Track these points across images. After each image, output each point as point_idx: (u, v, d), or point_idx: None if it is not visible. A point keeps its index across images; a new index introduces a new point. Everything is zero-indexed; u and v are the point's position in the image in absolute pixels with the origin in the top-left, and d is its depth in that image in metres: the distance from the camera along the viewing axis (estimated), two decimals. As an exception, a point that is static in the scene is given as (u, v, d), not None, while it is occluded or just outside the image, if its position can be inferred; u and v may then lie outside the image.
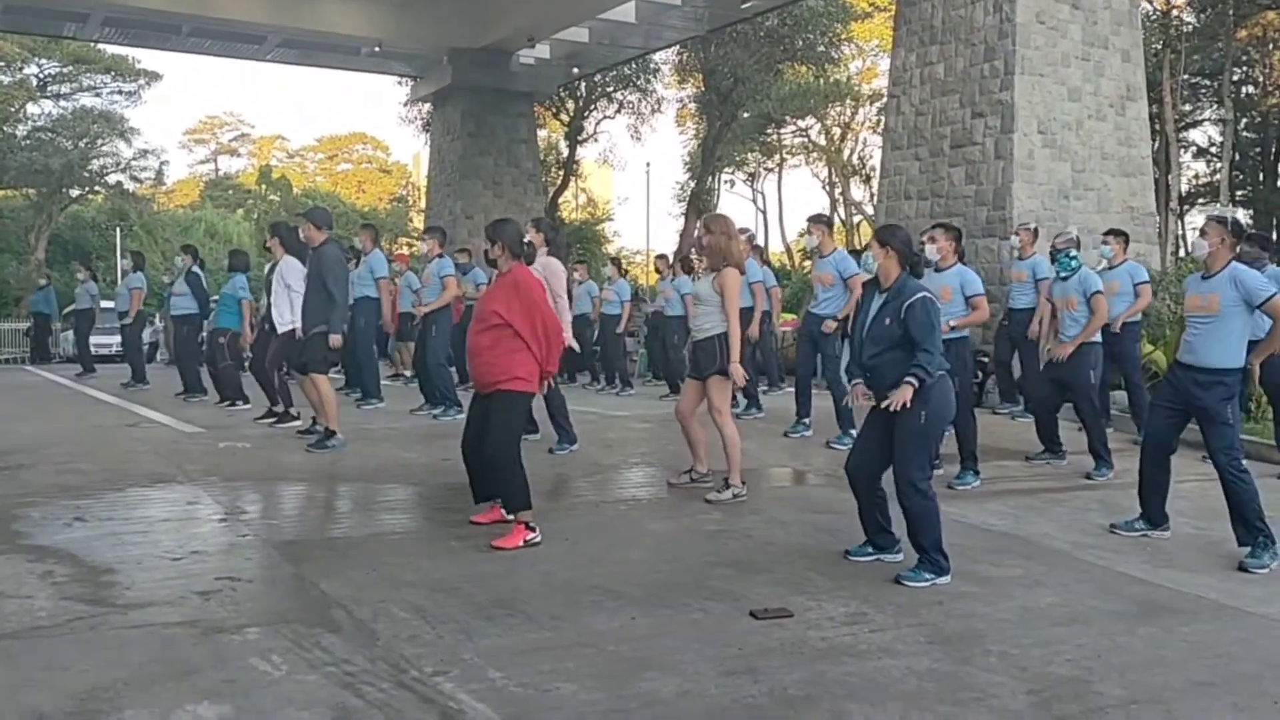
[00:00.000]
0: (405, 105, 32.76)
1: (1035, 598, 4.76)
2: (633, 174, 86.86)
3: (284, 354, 9.16)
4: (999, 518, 6.37)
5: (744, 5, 21.77)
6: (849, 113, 40.78)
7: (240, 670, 3.63)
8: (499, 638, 4.02)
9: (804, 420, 9.19)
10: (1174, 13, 30.60)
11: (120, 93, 41.34)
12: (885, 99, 16.12)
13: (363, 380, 11.16)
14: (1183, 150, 33.22)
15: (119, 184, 42.31)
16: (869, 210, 38.06)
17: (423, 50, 24.16)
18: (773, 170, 44.81)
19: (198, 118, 77.58)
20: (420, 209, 39.35)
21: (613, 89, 33.65)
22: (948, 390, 5.09)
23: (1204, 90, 33.55)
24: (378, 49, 23.14)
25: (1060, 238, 8.13)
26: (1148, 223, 13.81)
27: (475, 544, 5.38)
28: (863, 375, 5.20)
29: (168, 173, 48.80)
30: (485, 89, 23.84)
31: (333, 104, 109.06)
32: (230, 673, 3.60)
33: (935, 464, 7.45)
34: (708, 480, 6.90)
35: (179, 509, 6.19)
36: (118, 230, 38.73)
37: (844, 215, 40.84)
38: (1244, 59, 32.56)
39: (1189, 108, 33.26)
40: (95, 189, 42.76)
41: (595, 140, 36.99)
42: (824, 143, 41.75)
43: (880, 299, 5.14)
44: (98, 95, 41.05)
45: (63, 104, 40.86)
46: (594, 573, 4.94)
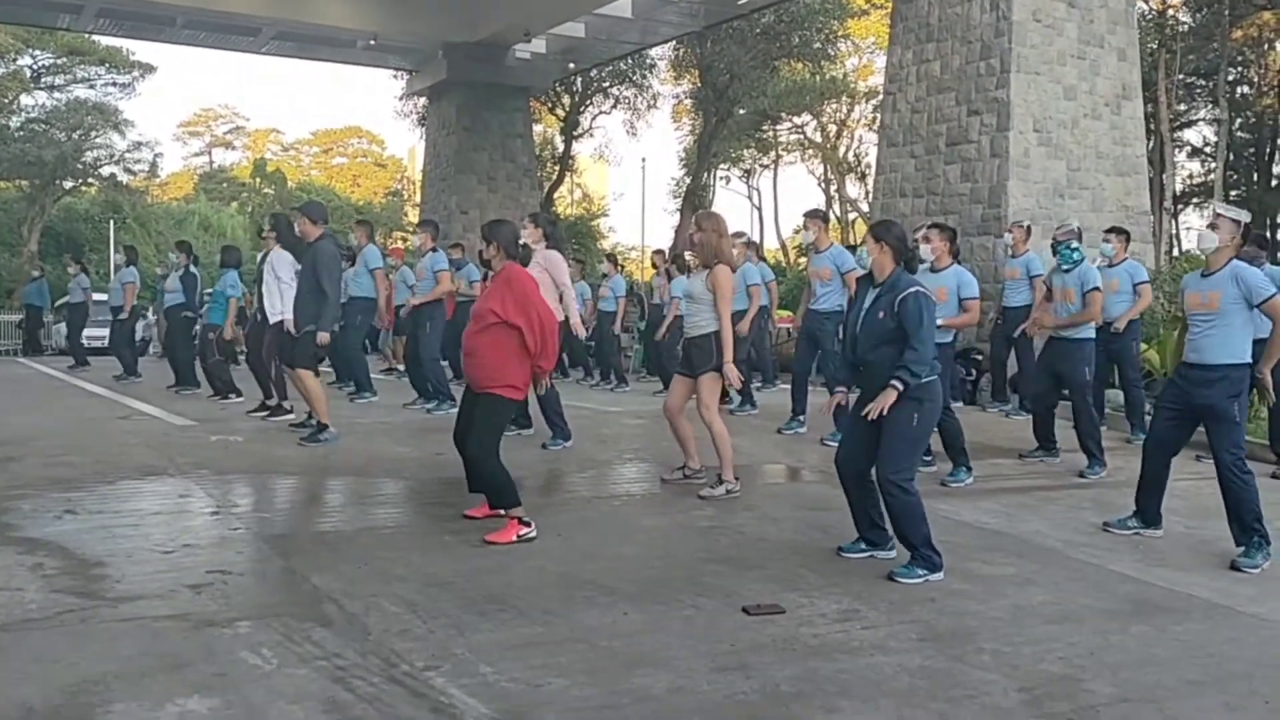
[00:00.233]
0: (400, 99, 32.74)
1: (1028, 596, 4.76)
2: (628, 170, 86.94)
3: (277, 346, 9.14)
4: (992, 515, 6.37)
5: (740, 1, 21.78)
6: (845, 110, 40.78)
7: (230, 664, 3.62)
8: (491, 633, 4.01)
9: (799, 417, 9.19)
10: (1170, 12, 30.64)
11: (114, 84, 41.22)
12: (881, 96, 16.09)
13: (354, 374, 11.14)
14: (1177, 150, 33.28)
15: (112, 176, 42.17)
16: (864, 207, 38.12)
17: (418, 44, 24.12)
18: (768, 167, 44.79)
19: (192, 110, 77.29)
20: (415, 203, 39.26)
21: (608, 84, 33.64)
22: (939, 393, 5.09)
23: (1199, 90, 33.63)
24: (373, 42, 23.09)
25: (1061, 229, 8.13)
26: (1142, 222, 13.82)
27: (468, 539, 5.37)
28: (855, 371, 5.21)
29: (162, 165, 48.70)
30: (481, 83, 23.80)
31: (328, 97, 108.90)
32: (220, 666, 3.59)
33: (928, 461, 7.50)
34: (700, 476, 6.90)
35: (170, 502, 6.18)
36: (111, 223, 38.63)
37: (839, 212, 40.83)
38: (1239, 59, 32.63)
39: (1184, 107, 33.33)
40: (89, 181, 42.62)
41: (591, 135, 37.03)
42: (820, 140, 41.74)
43: (874, 293, 5.13)
44: (92, 87, 40.93)
45: (56, 95, 40.73)
46: (586, 568, 4.93)
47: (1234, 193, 31.97)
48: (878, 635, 4.14)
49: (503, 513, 5.48)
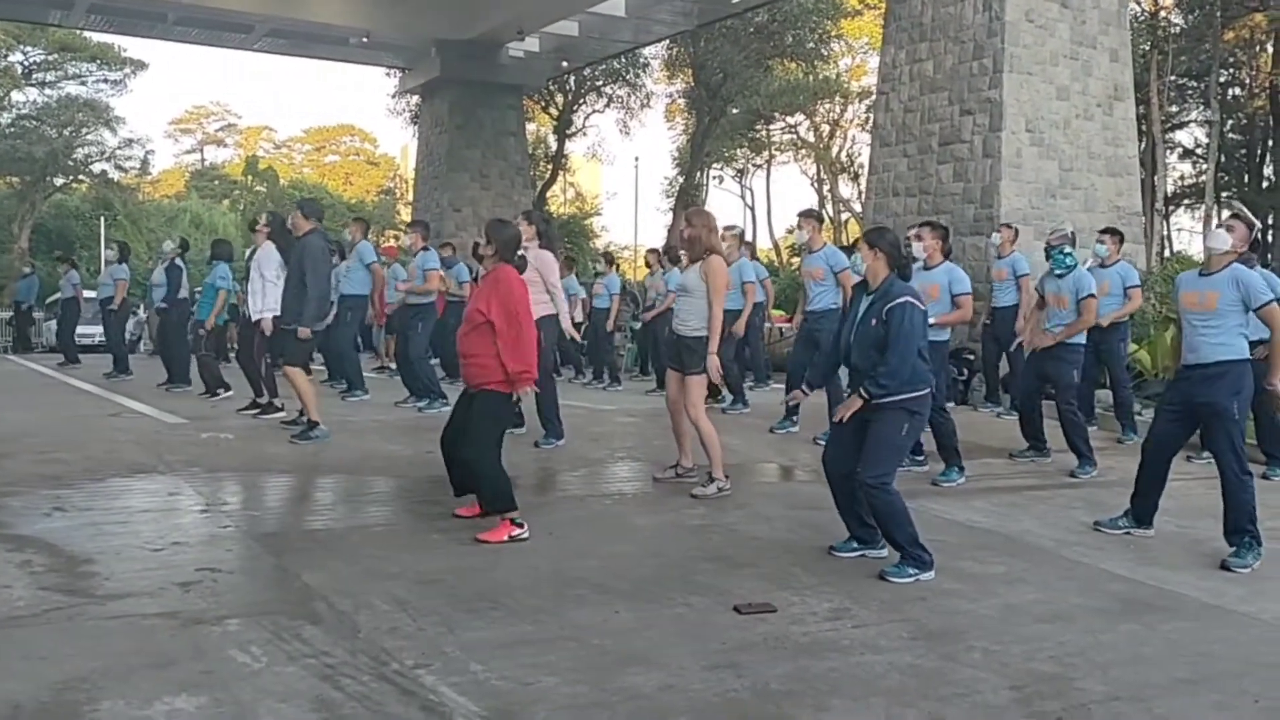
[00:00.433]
0: (393, 97, 32.74)
1: (1018, 594, 4.76)
2: (621, 169, 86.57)
3: (268, 343, 9.13)
4: (983, 515, 6.38)
5: (734, 0, 21.78)
6: (838, 110, 40.84)
7: (219, 661, 3.60)
8: (481, 631, 4.00)
9: (791, 417, 9.19)
10: (1162, 14, 30.71)
11: (106, 81, 41.11)
12: (874, 96, 16.11)
13: (345, 372, 11.11)
14: (1169, 151, 33.39)
15: (103, 173, 42.06)
16: (857, 207, 38.11)
17: (411, 42, 24.10)
18: (761, 167, 44.85)
19: (184, 107, 77.26)
20: (408, 201, 39.23)
21: (602, 83, 33.64)
22: (929, 405, 5.12)
23: (1191, 91, 33.72)
24: (366, 40, 23.06)
25: (1055, 234, 8.07)
26: (1134, 223, 13.86)
27: (458, 537, 5.36)
28: (834, 374, 5.31)
29: (153, 162, 48.59)
30: (474, 81, 23.78)
31: (320, 95, 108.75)
32: (209, 664, 3.58)
33: (920, 460, 7.51)
34: (693, 475, 6.90)
35: (160, 500, 6.15)
36: (102, 220, 38.50)
37: (832, 212, 40.88)
38: (1231, 61, 32.73)
39: (1175, 109, 33.42)
40: (80, 178, 42.52)
41: (584, 134, 37.04)
42: (813, 139, 41.79)
43: (868, 300, 5.15)
44: (83, 83, 40.82)
45: (47, 92, 40.62)
46: (578, 566, 4.92)
47: (1225, 194, 32.09)
48: (869, 634, 4.14)
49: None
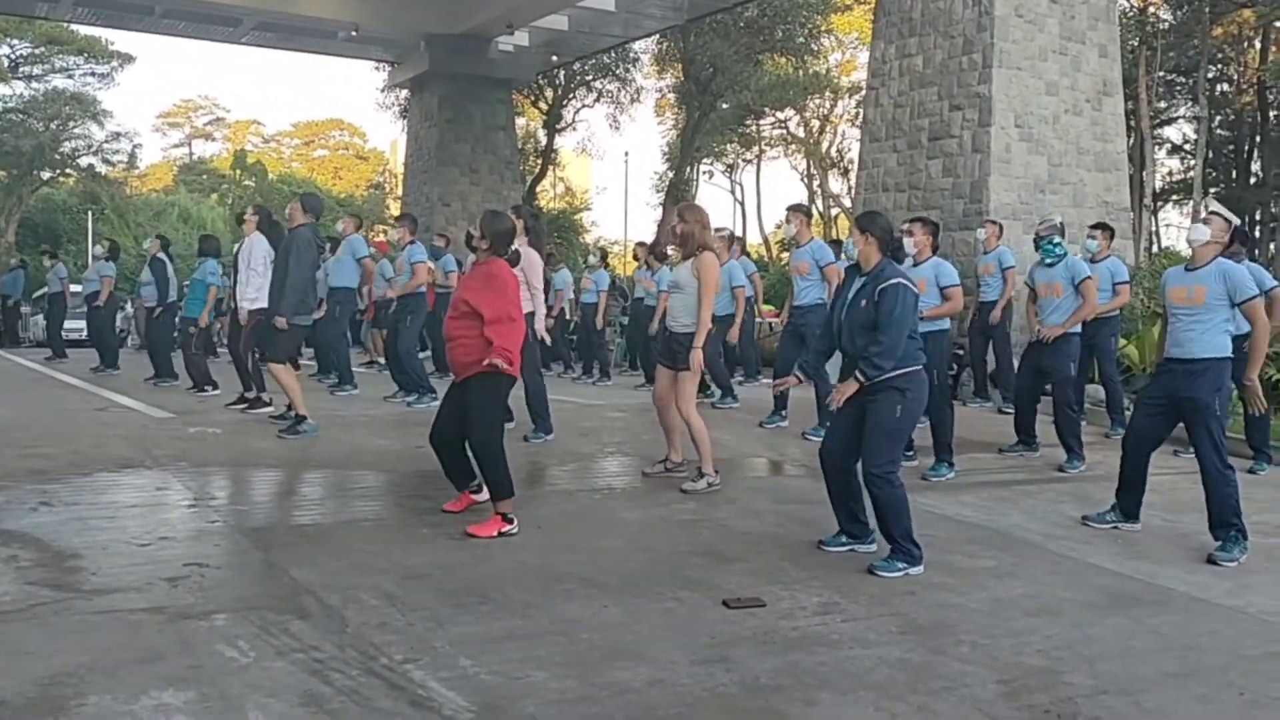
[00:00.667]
0: (383, 91, 32.62)
1: (1007, 588, 4.77)
2: (611, 163, 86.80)
3: (254, 338, 9.12)
4: (972, 509, 6.39)
5: (724, -5, 21.75)
6: (828, 105, 40.87)
7: (207, 656, 3.59)
8: (470, 625, 3.99)
9: (780, 411, 9.20)
10: (1150, 9, 30.80)
11: (93, 74, 40.93)
12: (864, 91, 16.11)
13: (335, 366, 11.09)
14: (1157, 147, 33.50)
15: (91, 167, 41.88)
16: (847, 202, 38.19)
17: (400, 35, 23.99)
18: (751, 161, 44.85)
19: (172, 101, 76.90)
20: (397, 195, 39.12)
21: (592, 77, 33.59)
22: (923, 386, 5.10)
23: (1179, 87, 33.85)
24: (354, 33, 22.95)
25: (1044, 224, 8.09)
26: (1122, 218, 13.89)
27: (447, 531, 5.35)
28: (826, 360, 5.39)
29: (141, 156, 48.24)
30: (463, 75, 23.71)
31: (309, 89, 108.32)
32: (197, 659, 3.56)
33: (910, 455, 7.52)
34: (682, 470, 6.90)
35: (147, 494, 6.12)
36: (89, 214, 38.34)
37: (822, 207, 40.93)
38: (1219, 56, 32.86)
39: (1164, 104, 33.55)
40: (66, 171, 42.32)
41: (574, 129, 37.00)
42: (803, 134, 41.81)
43: (859, 283, 5.15)
44: (70, 77, 40.62)
45: (34, 85, 40.43)
46: (567, 561, 4.91)
47: (1213, 190, 32.21)
48: (858, 628, 4.15)
49: (479, 499, 5.44)
